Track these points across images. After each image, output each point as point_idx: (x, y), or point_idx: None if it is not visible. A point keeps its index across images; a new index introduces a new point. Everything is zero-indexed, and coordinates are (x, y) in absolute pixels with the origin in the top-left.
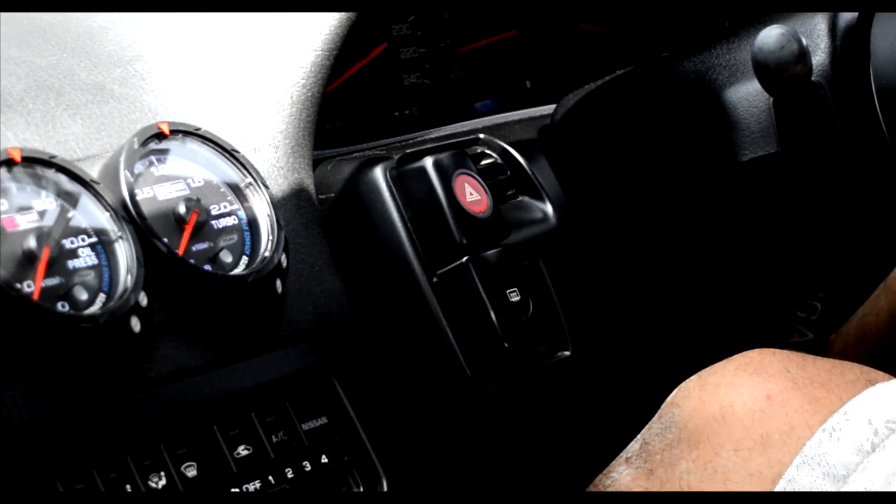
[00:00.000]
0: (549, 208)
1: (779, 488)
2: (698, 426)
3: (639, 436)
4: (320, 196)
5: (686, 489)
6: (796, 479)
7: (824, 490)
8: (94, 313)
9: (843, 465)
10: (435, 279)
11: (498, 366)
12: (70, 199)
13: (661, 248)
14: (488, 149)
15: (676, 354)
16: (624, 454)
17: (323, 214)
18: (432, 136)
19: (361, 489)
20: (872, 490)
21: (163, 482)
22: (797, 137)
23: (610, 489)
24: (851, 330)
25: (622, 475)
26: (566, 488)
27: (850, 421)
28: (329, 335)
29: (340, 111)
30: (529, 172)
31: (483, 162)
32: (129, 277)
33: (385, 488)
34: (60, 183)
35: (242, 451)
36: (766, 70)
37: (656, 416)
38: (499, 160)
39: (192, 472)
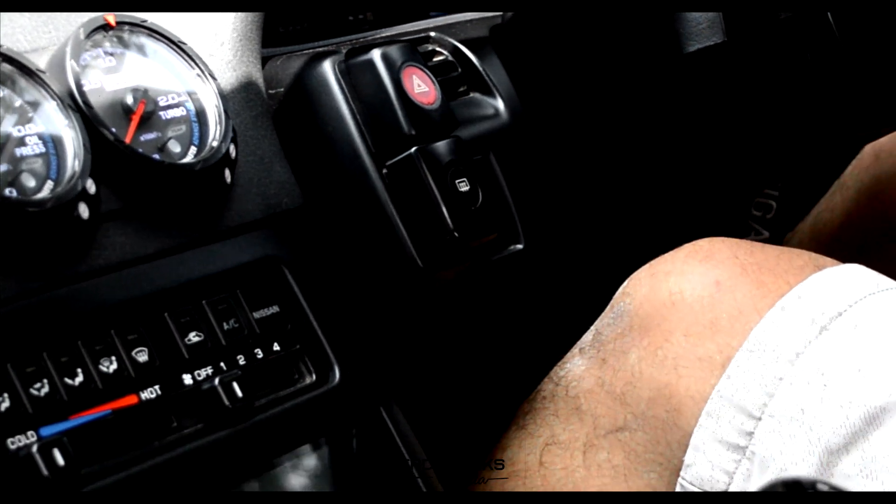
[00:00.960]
0: (500, 104)
1: (728, 372)
2: (649, 314)
3: (592, 326)
4: (270, 91)
5: (637, 376)
6: (745, 364)
7: (772, 373)
8: (42, 198)
9: (792, 348)
10: (384, 170)
11: (448, 255)
12: (16, 89)
13: (613, 143)
14: (439, 46)
15: (630, 251)
16: (578, 345)
17: (273, 108)
18: (383, 34)
19: (314, 377)
20: (817, 373)
21: (114, 366)
22: (743, 27)
23: (564, 380)
24: (806, 228)
25: (576, 366)
26: (522, 380)
27: (798, 305)
28: (280, 226)
29: (294, 14)
30: (480, 69)
31: (434, 59)
32: (76, 163)
33: (337, 377)
34: (6, 72)
35: (193, 337)
36: None
37: (609, 306)
38: (450, 57)
39: (143, 357)
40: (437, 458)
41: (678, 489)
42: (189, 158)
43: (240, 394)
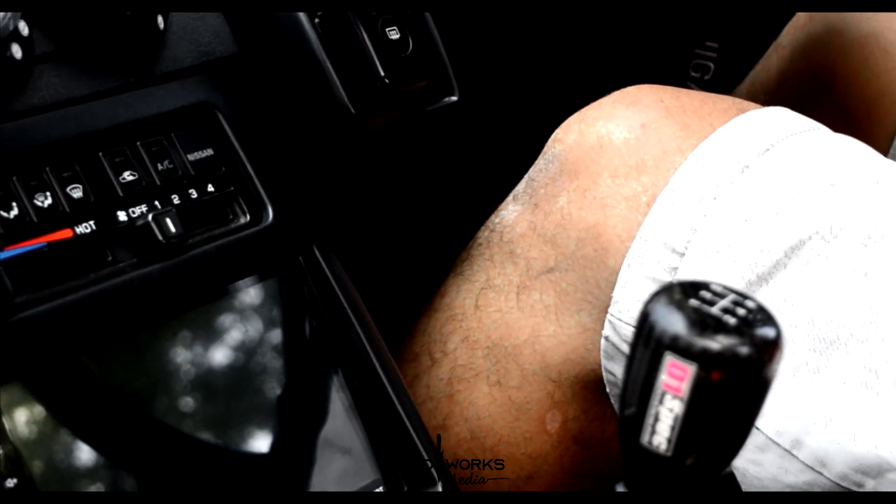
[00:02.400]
0: None
1: (654, 211)
2: (578, 158)
3: (526, 174)
4: None
5: (567, 218)
6: (670, 202)
7: (695, 210)
8: None
9: (715, 185)
10: (316, 20)
11: (379, 101)
12: None
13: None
14: None
15: (567, 104)
16: (513, 193)
17: None
18: None
19: (248, 217)
20: (739, 209)
21: (48, 201)
22: None
23: (499, 226)
24: (744, 89)
25: (510, 212)
26: (458, 228)
27: (722, 145)
28: (214, 73)
29: None
30: None
31: None
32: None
33: (271, 217)
34: None
35: (128, 176)
36: None
37: (541, 153)
38: None
39: (77, 194)
40: (375, 304)
41: (607, 325)
42: None
43: (173, 229)
